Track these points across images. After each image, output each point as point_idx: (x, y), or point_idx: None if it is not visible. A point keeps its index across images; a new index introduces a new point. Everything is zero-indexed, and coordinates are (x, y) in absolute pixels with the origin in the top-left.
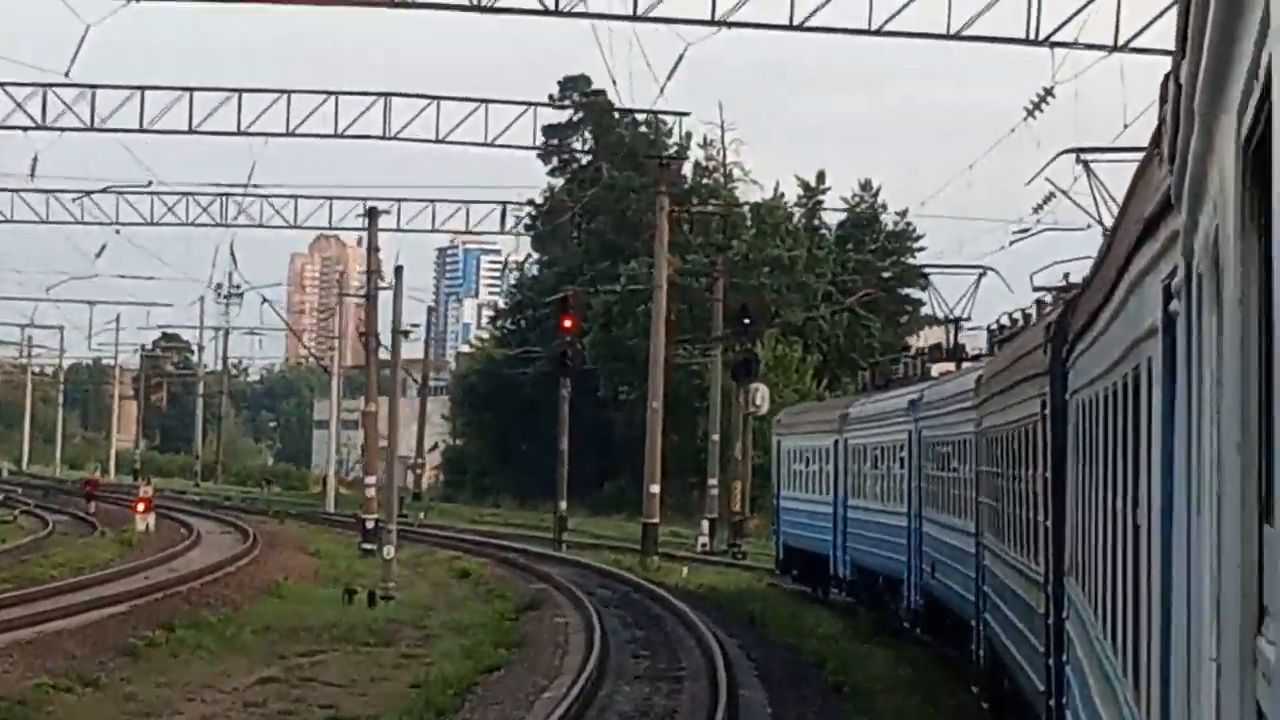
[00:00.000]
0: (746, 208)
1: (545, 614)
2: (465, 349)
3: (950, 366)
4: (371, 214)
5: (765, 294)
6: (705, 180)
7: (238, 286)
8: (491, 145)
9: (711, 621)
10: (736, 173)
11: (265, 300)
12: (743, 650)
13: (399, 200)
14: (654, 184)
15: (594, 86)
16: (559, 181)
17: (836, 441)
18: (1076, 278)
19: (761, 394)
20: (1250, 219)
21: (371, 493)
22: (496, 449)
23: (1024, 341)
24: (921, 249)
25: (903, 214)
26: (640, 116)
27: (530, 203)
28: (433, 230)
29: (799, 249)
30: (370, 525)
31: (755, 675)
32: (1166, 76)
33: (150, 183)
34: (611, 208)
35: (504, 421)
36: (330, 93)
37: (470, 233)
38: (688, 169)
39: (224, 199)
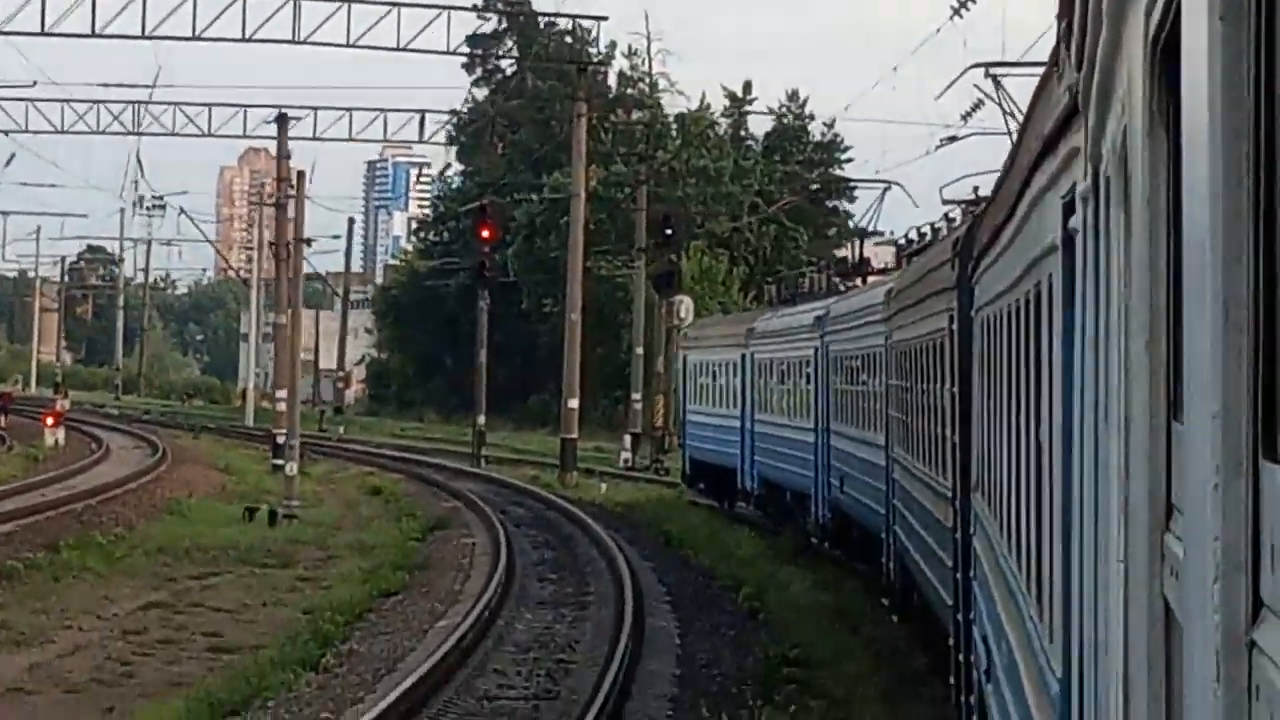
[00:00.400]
0: (672, 118)
1: (453, 534)
2: (392, 262)
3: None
4: (281, 120)
5: (690, 205)
6: (630, 90)
7: (160, 197)
8: (404, 50)
9: (626, 542)
10: (662, 83)
11: (182, 211)
12: (655, 573)
13: (314, 108)
14: (572, 91)
15: None
16: (483, 92)
17: (743, 355)
18: (986, 191)
19: (686, 306)
20: (1158, 118)
21: (283, 407)
22: (420, 363)
23: (932, 256)
24: (849, 160)
25: (830, 125)
26: (565, 25)
27: (453, 113)
28: (350, 139)
29: (725, 160)
30: (281, 440)
31: (666, 601)
32: None
33: (35, 83)
34: (535, 117)
35: (427, 335)
36: None
37: (391, 142)
38: (612, 79)
39: (136, 107)
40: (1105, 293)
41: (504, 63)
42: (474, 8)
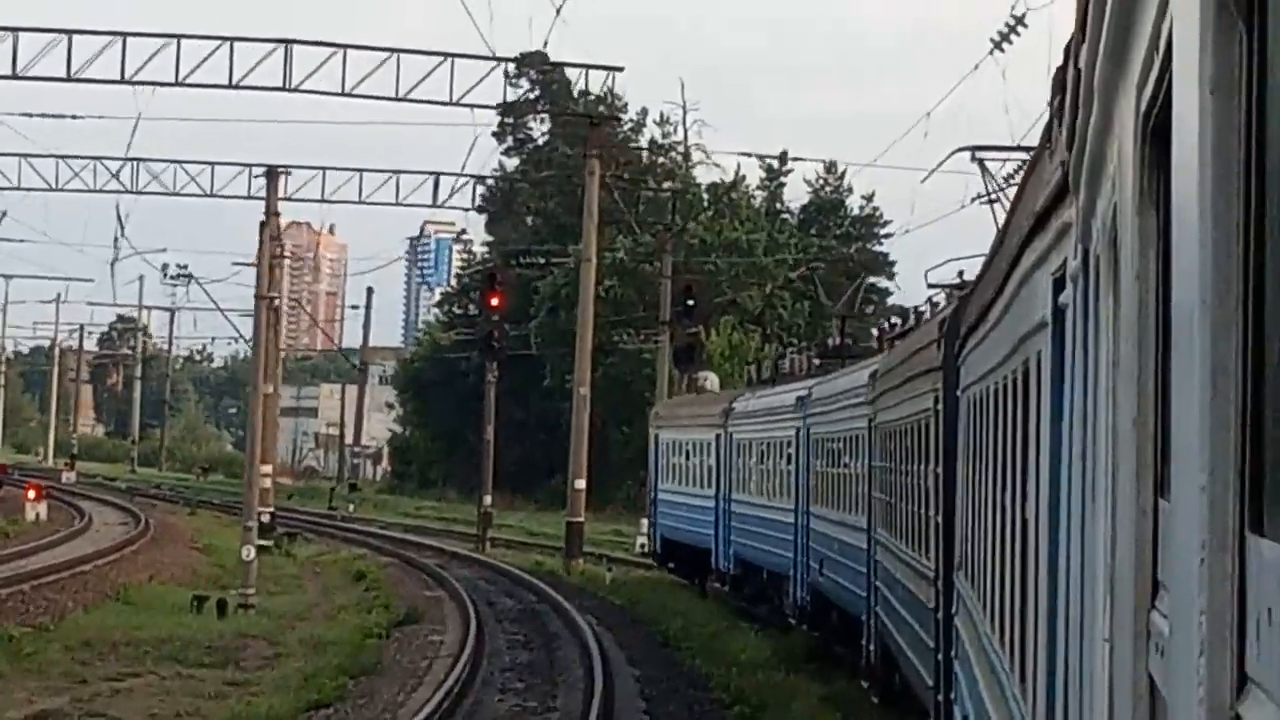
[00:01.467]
0: (704, 188)
1: (421, 630)
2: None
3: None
4: (270, 175)
5: (722, 279)
6: (661, 159)
7: (184, 266)
8: (404, 100)
9: (616, 644)
10: (697, 155)
11: (191, 278)
12: (639, 683)
13: (323, 169)
14: (584, 145)
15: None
16: (513, 161)
17: (719, 435)
18: (971, 276)
19: (711, 382)
20: (1149, 194)
21: (266, 483)
22: (444, 439)
23: (918, 337)
24: (888, 235)
25: (869, 198)
26: (596, 91)
27: (478, 179)
28: (360, 202)
29: (758, 232)
30: (265, 519)
31: None
32: (1058, 70)
33: None
34: (564, 187)
35: (450, 410)
36: (224, 38)
37: (427, 207)
38: (644, 146)
39: (135, 165)
40: (1094, 371)
41: (534, 130)
42: (505, 75)
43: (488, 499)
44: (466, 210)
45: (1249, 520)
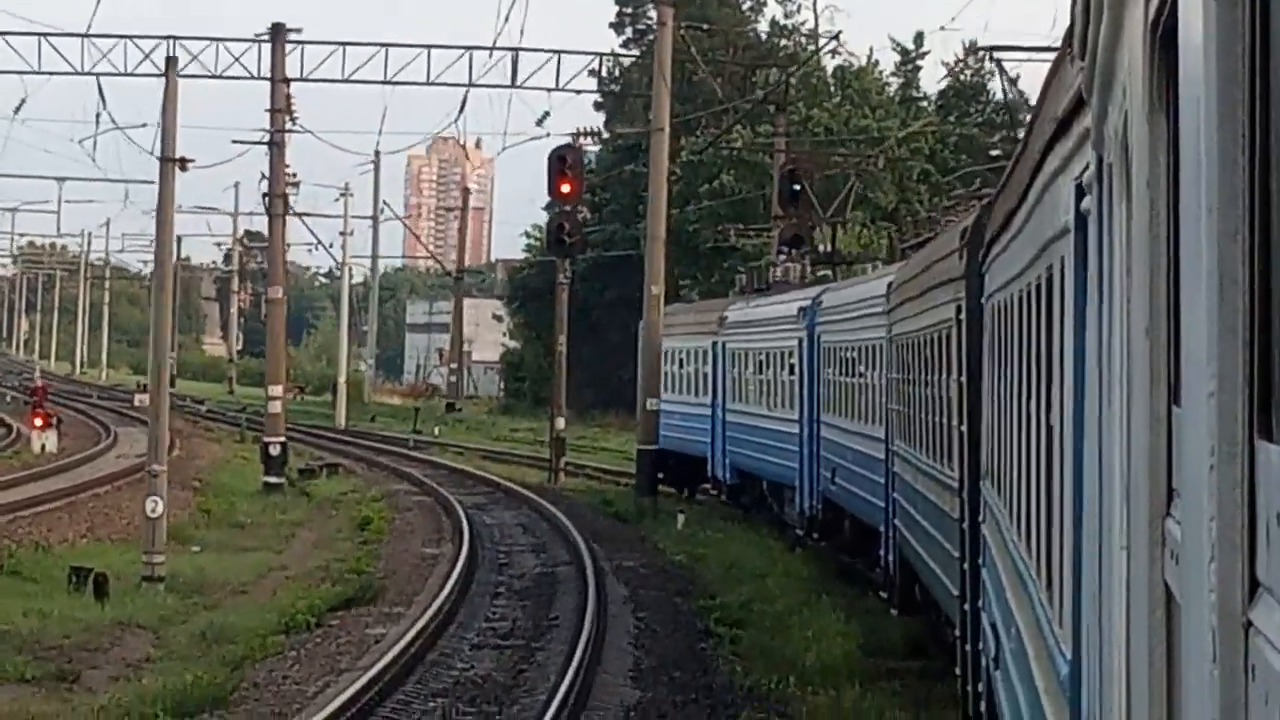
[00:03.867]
0: (830, 73)
1: (369, 615)
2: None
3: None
4: (276, 33)
5: (852, 172)
6: (784, 41)
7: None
8: None
9: (635, 639)
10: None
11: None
12: (641, 714)
13: (385, 45)
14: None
15: None
16: (632, 54)
17: (715, 344)
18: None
19: None
20: (1158, 103)
21: (276, 407)
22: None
23: (939, 246)
24: None
25: (1014, 80)
26: None
27: (593, 73)
28: (428, 83)
29: (890, 119)
30: (275, 451)
31: None
32: None
33: None
34: (680, 75)
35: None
36: None
37: (491, 85)
38: (764, 28)
39: (170, 42)
40: (1109, 280)
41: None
42: None
43: (560, 421)
44: (549, 90)
45: (1258, 426)
